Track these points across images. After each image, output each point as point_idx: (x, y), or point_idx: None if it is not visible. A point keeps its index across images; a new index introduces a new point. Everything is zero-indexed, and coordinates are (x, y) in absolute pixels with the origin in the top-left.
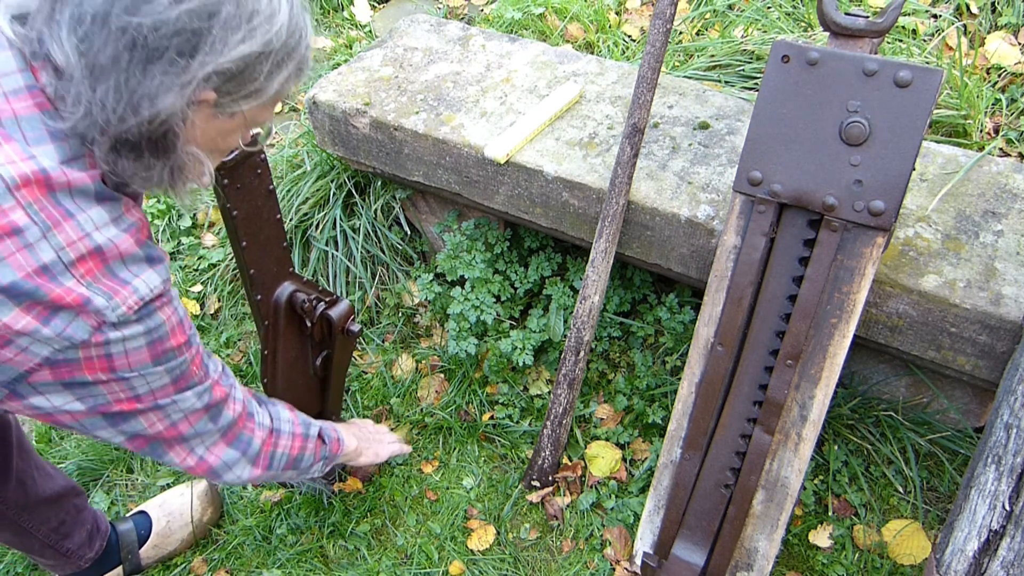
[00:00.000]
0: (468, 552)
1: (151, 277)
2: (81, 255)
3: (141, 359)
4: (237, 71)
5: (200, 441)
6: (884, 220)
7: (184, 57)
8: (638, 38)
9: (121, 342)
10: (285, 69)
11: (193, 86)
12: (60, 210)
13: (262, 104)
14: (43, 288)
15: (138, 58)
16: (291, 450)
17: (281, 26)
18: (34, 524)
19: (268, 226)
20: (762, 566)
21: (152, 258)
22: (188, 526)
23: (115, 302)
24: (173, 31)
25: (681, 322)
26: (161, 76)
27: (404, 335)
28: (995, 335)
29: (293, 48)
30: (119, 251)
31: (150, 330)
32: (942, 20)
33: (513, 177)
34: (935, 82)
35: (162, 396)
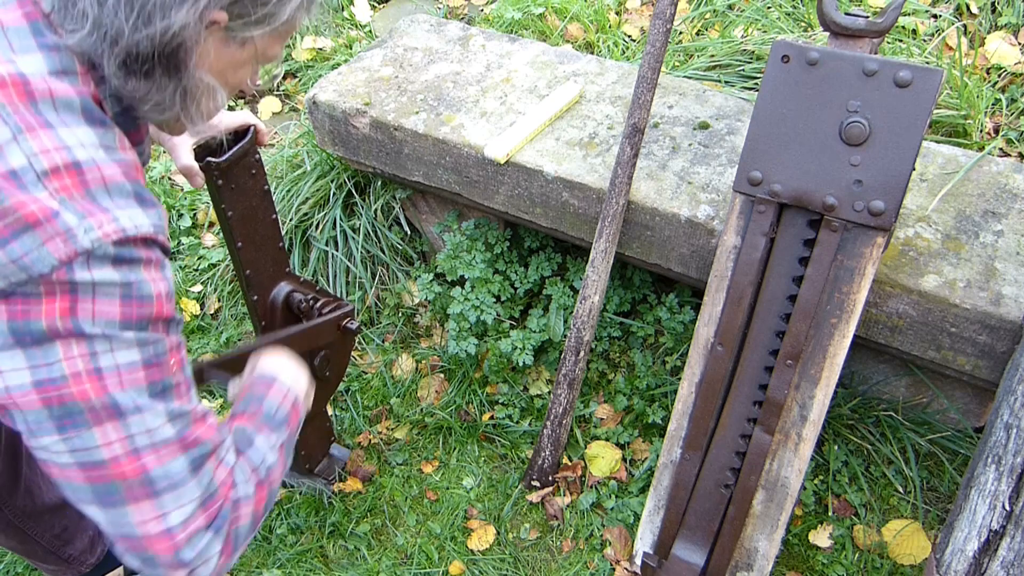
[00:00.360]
0: (468, 552)
1: (138, 215)
2: (56, 166)
3: (110, 312)
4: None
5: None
6: (884, 220)
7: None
8: (638, 38)
9: (90, 285)
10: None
11: (204, 2)
12: (39, 119)
13: (273, 32)
14: (5, 191)
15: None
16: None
17: None
18: (38, 531)
19: (264, 226)
20: (762, 566)
21: (144, 198)
22: None
23: (89, 223)
24: None
25: (681, 322)
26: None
27: (404, 335)
28: (995, 335)
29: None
30: (102, 175)
31: (128, 283)
32: (942, 20)
33: (513, 177)
34: (935, 82)
35: (128, 385)
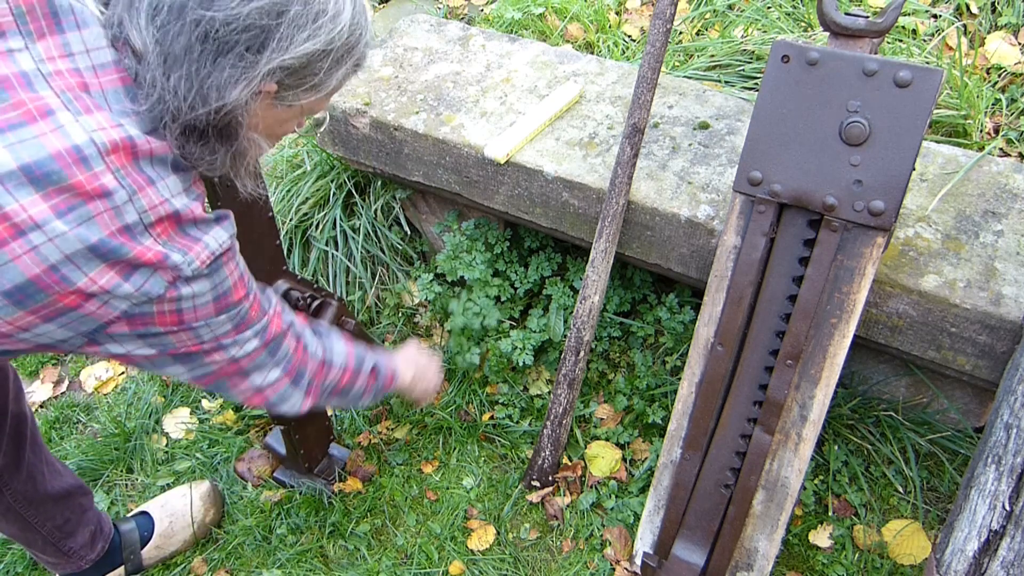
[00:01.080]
0: (468, 552)
1: (219, 233)
2: (160, 218)
3: (207, 312)
4: (300, 67)
5: (260, 374)
6: (884, 220)
7: (252, 52)
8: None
9: (191, 298)
10: (344, 65)
11: (259, 79)
12: (143, 176)
13: (320, 97)
14: (126, 246)
15: (209, 50)
16: (340, 382)
17: (344, 25)
18: (39, 520)
19: (259, 224)
20: (762, 566)
21: (220, 218)
22: (190, 527)
23: (190, 257)
24: (243, 26)
25: (681, 322)
26: (230, 69)
27: (404, 335)
28: (995, 335)
29: (353, 45)
30: (193, 216)
31: (216, 285)
32: (942, 20)
33: (513, 177)
34: (935, 82)
35: (225, 338)
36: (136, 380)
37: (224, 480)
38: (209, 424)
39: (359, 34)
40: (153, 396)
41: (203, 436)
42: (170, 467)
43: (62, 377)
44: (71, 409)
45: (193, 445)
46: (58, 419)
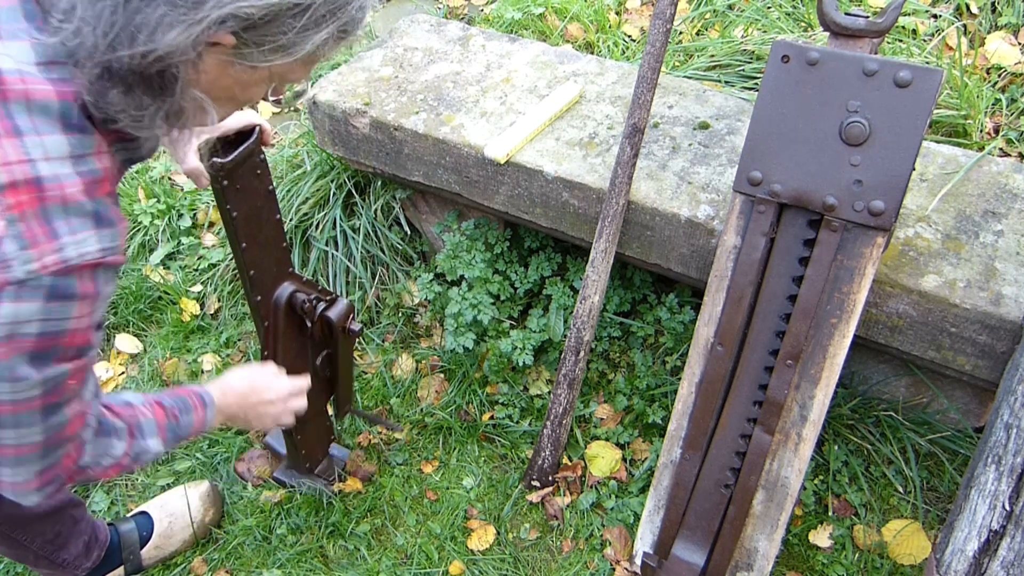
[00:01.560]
0: (468, 552)
1: (88, 240)
2: (14, 182)
3: (18, 347)
4: (262, 20)
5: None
6: (884, 220)
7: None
8: (638, 38)
9: (11, 318)
10: (324, 28)
11: (204, 26)
12: (8, 124)
13: (292, 62)
14: None
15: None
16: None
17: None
18: (28, 538)
19: (268, 227)
20: (762, 566)
21: (101, 218)
22: (189, 527)
23: (30, 253)
24: None
25: (681, 322)
26: (166, 6)
27: (404, 335)
28: (995, 335)
29: (340, 6)
30: (62, 193)
31: (51, 312)
32: (942, 20)
33: (513, 177)
34: (935, 82)
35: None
36: (136, 380)
37: (224, 480)
38: None
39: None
40: None
41: (203, 436)
42: (170, 467)
43: None
44: None
45: (193, 445)
46: None
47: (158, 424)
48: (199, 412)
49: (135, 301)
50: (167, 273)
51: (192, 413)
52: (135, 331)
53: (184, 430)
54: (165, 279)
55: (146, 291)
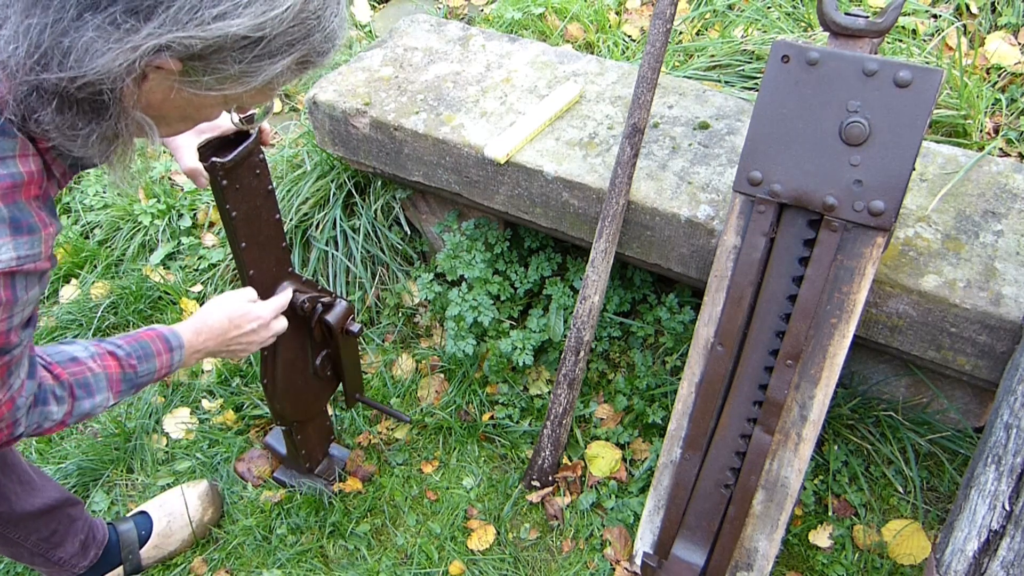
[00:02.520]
0: (468, 552)
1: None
2: None
3: None
4: (207, 51)
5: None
6: (884, 220)
7: (134, 18)
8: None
9: None
10: (280, 60)
11: (139, 54)
12: None
13: (248, 91)
14: None
15: (74, 2)
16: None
17: (288, 8)
18: (21, 535)
19: (267, 226)
20: (762, 566)
21: (19, 225)
22: (188, 526)
23: None
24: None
25: (681, 322)
26: (96, 32)
27: (404, 335)
28: (995, 335)
29: (298, 39)
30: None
31: None
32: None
33: (513, 177)
34: (935, 82)
35: None
36: None
37: (224, 480)
38: (209, 424)
39: (311, 25)
40: (153, 396)
41: (203, 436)
42: (170, 467)
43: None
44: None
45: (193, 445)
46: None
47: (109, 376)
48: (163, 357)
49: (135, 301)
50: (167, 273)
51: (155, 359)
52: None
53: (144, 377)
54: (165, 279)
55: (146, 291)
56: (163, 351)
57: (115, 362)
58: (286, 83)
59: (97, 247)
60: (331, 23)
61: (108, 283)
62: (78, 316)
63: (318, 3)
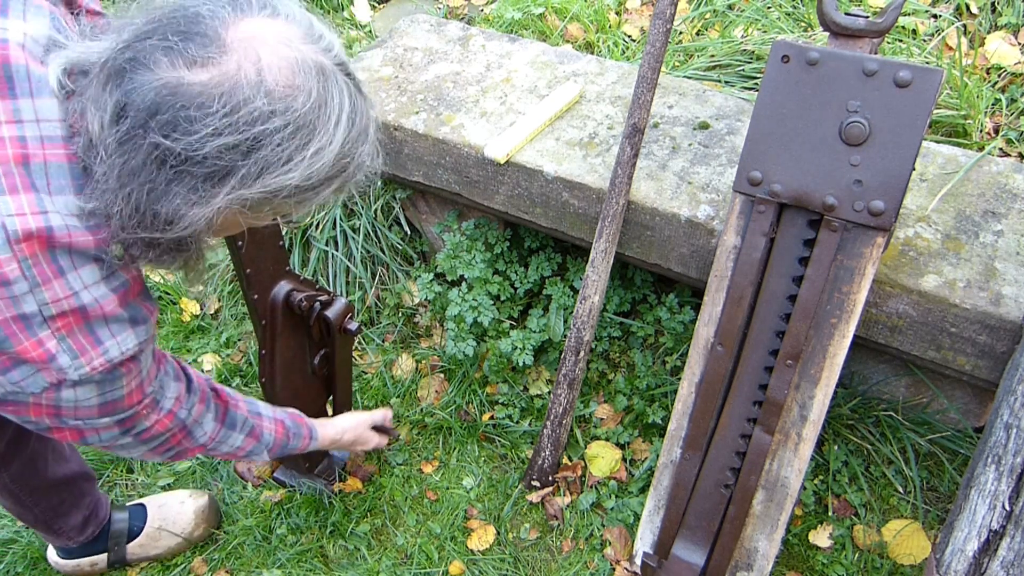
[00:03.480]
0: (468, 552)
1: (127, 339)
2: (63, 312)
3: (89, 413)
4: (265, 199)
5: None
6: (884, 220)
7: (210, 185)
8: (638, 38)
9: (72, 401)
10: (322, 192)
11: (215, 208)
12: (53, 267)
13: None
14: (12, 339)
15: (164, 177)
16: (230, 454)
17: (327, 160)
18: (33, 500)
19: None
20: (762, 566)
21: (136, 319)
22: (177, 537)
23: (80, 362)
24: (205, 161)
25: (681, 322)
26: (181, 199)
27: (404, 335)
28: (995, 335)
29: (337, 174)
30: (103, 312)
31: (104, 392)
32: (942, 20)
33: (513, 177)
34: (935, 82)
35: (91, 432)
36: None
37: (224, 480)
38: None
39: (347, 162)
40: None
41: None
42: (170, 467)
43: None
44: None
45: None
46: None
47: (275, 440)
48: (304, 442)
49: None
50: (167, 273)
51: (300, 441)
52: None
53: (289, 449)
54: (165, 279)
55: None
56: (306, 437)
57: (283, 431)
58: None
59: None
60: (363, 157)
61: None
62: None
63: (351, 146)
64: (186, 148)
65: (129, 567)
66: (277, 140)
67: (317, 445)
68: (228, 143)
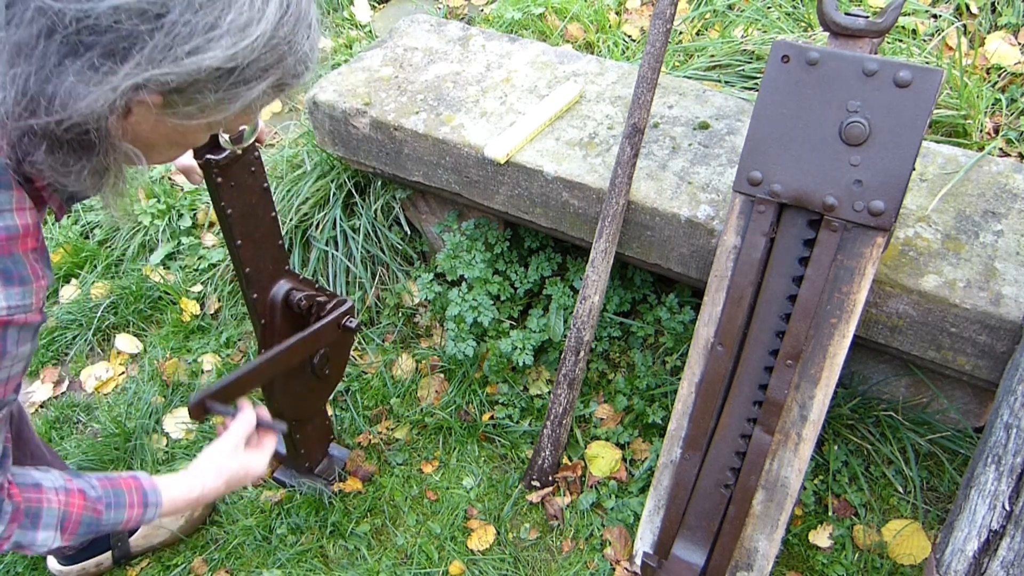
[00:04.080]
0: (468, 552)
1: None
2: None
3: None
4: (183, 84)
5: None
6: (884, 220)
7: (111, 60)
8: (638, 38)
9: None
10: (256, 86)
11: (118, 93)
12: None
13: (229, 115)
14: None
15: (54, 49)
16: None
17: (258, 37)
18: None
19: (263, 224)
20: (762, 566)
21: (11, 276)
22: (179, 519)
23: None
24: (101, 27)
25: (681, 322)
26: (76, 76)
27: (404, 335)
28: (995, 335)
29: (272, 64)
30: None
31: None
32: (942, 20)
33: (513, 177)
34: (935, 82)
35: None
36: (136, 380)
37: None
38: (209, 424)
39: (284, 48)
40: (153, 396)
41: (203, 436)
42: (170, 467)
43: (62, 377)
44: (71, 409)
45: (193, 445)
46: (58, 419)
47: (67, 515)
48: (134, 511)
49: (135, 301)
50: (167, 273)
51: (125, 510)
52: (135, 331)
53: (106, 526)
54: (165, 279)
55: (146, 291)
56: (136, 504)
57: (80, 502)
58: (264, 105)
59: (97, 247)
60: (303, 46)
61: (108, 283)
62: (78, 316)
63: (288, 29)
64: (78, 11)
65: (130, 567)
66: (188, 2)
67: (164, 510)
68: (128, 4)
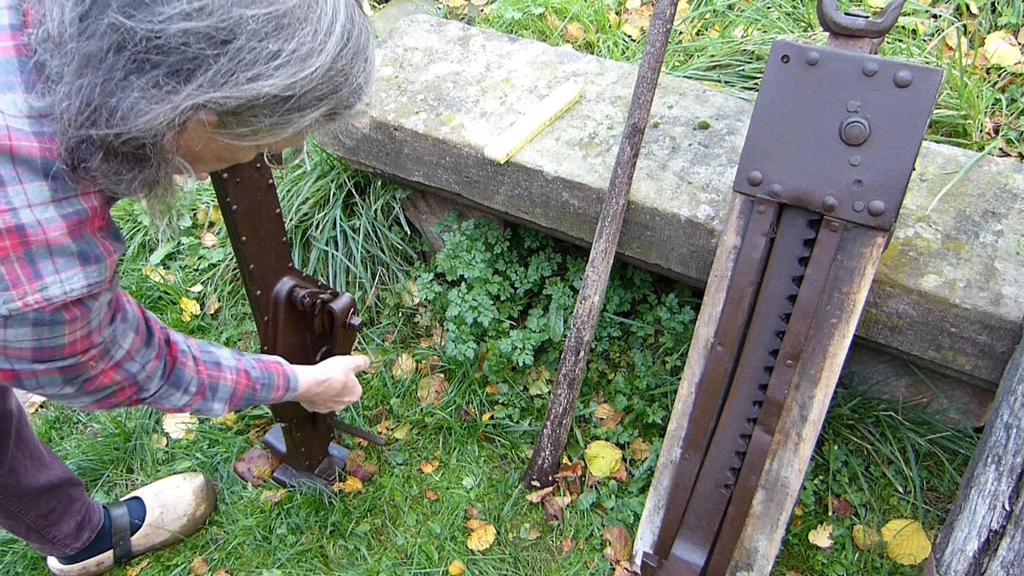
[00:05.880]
0: (468, 552)
1: (74, 278)
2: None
3: (21, 355)
4: (240, 108)
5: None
6: (884, 220)
7: (175, 80)
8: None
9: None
10: (309, 114)
11: (178, 112)
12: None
13: (277, 140)
14: None
15: (121, 65)
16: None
17: (317, 68)
18: (22, 510)
19: (268, 221)
20: (762, 566)
21: (87, 256)
22: (181, 519)
23: (10, 295)
24: (169, 48)
25: (681, 322)
26: (140, 92)
27: (404, 335)
28: (995, 335)
29: (327, 94)
30: (46, 238)
31: (42, 337)
32: (942, 20)
33: (513, 177)
34: (935, 82)
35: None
36: None
37: (224, 480)
38: (209, 424)
39: (341, 79)
40: None
41: (203, 436)
42: (170, 467)
43: None
44: (71, 409)
45: (193, 445)
46: (58, 419)
47: (235, 392)
48: (279, 392)
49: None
50: (167, 273)
51: (272, 391)
52: None
53: (258, 400)
54: (165, 279)
55: (146, 291)
56: (281, 387)
57: (246, 381)
58: (315, 131)
59: None
60: (359, 79)
61: None
62: None
63: (346, 62)
64: (149, 31)
65: (131, 567)
66: (254, 30)
67: (297, 395)
68: (197, 28)
